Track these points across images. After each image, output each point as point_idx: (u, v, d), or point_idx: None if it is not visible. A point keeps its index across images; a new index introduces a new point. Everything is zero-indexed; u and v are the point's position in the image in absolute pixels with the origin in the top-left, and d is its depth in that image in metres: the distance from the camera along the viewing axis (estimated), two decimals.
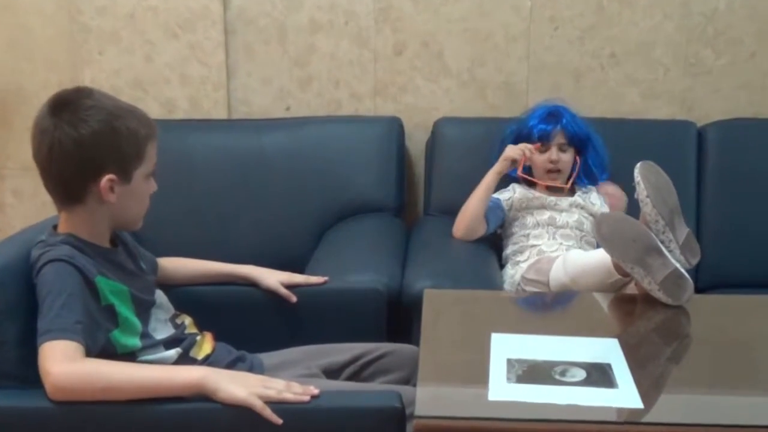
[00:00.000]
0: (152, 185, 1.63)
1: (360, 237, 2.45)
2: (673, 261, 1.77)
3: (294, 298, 1.91)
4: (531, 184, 2.49)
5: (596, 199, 2.47)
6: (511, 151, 2.40)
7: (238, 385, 1.40)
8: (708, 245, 2.40)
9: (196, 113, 2.78)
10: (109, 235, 1.63)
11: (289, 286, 1.92)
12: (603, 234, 1.79)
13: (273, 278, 1.92)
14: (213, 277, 1.93)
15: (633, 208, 1.92)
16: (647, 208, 1.85)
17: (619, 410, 1.38)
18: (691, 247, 1.90)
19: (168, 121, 2.66)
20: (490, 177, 2.39)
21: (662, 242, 1.81)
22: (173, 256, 1.93)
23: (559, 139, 2.43)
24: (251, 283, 1.93)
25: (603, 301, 1.89)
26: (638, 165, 1.90)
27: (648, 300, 1.78)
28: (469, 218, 2.36)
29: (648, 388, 1.43)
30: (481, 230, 2.38)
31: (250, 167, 2.60)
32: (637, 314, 1.82)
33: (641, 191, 1.86)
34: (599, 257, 1.91)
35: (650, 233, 1.78)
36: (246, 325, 1.92)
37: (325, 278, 1.97)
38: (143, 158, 1.57)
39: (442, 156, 2.64)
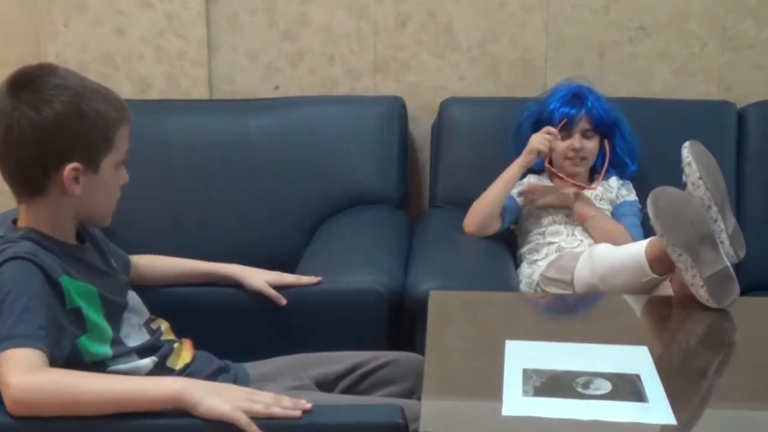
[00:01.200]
0: (123, 176, 1.63)
1: (357, 232, 2.45)
2: (725, 258, 1.76)
3: (283, 301, 1.91)
4: (550, 175, 2.49)
5: (614, 182, 2.48)
6: (537, 142, 2.37)
7: (220, 398, 1.40)
8: (750, 240, 2.38)
9: (173, 93, 2.77)
10: (75, 230, 1.63)
11: (278, 287, 1.92)
12: (659, 209, 1.76)
13: (260, 278, 1.92)
14: (192, 276, 1.93)
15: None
16: (699, 191, 1.83)
17: (650, 427, 1.38)
18: (738, 239, 1.90)
19: (141, 102, 2.66)
20: (514, 170, 2.37)
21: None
22: (147, 254, 1.92)
23: (584, 124, 2.43)
24: (235, 284, 1.93)
25: (632, 303, 1.89)
26: (687, 144, 1.89)
27: (684, 303, 1.77)
28: (483, 213, 2.36)
29: (682, 402, 1.43)
30: (495, 226, 2.38)
31: (234, 154, 2.60)
32: (671, 318, 1.82)
33: (693, 173, 1.84)
34: (631, 252, 1.90)
35: (709, 221, 1.77)
36: (229, 332, 1.92)
37: (319, 278, 1.97)
38: (113, 145, 1.57)
39: (450, 141, 2.64)
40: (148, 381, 1.50)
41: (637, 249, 1.89)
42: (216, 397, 1.40)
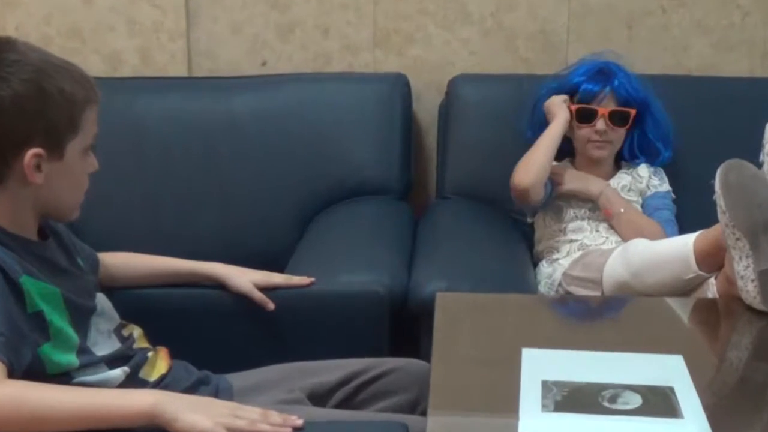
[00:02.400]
0: (92, 163, 1.63)
1: (355, 226, 2.45)
2: None
3: (271, 305, 1.91)
4: (572, 158, 2.51)
5: (644, 171, 2.48)
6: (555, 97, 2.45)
7: (201, 414, 1.41)
8: None
9: (147, 69, 2.77)
10: (36, 225, 1.63)
11: (266, 289, 1.92)
12: (728, 182, 1.76)
13: (245, 278, 1.92)
14: (168, 276, 1.94)
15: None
16: None
17: None
18: None
19: (112, 80, 2.66)
20: (556, 128, 2.41)
21: None
22: (118, 251, 1.93)
23: (609, 104, 2.42)
24: (217, 285, 1.93)
25: (666, 306, 1.88)
26: None
27: (727, 306, 1.78)
28: (538, 163, 2.37)
29: (721, 419, 1.42)
30: (540, 192, 2.40)
31: (217, 138, 2.59)
32: (711, 324, 1.82)
33: None
34: (677, 245, 1.90)
35: None
36: (210, 339, 1.93)
37: (311, 279, 1.98)
38: (79, 128, 1.57)
39: (460, 123, 2.63)
40: (120, 394, 1.51)
41: (684, 241, 1.89)
42: (196, 413, 1.40)
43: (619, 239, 2.34)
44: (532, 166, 2.38)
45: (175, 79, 2.76)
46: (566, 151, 2.50)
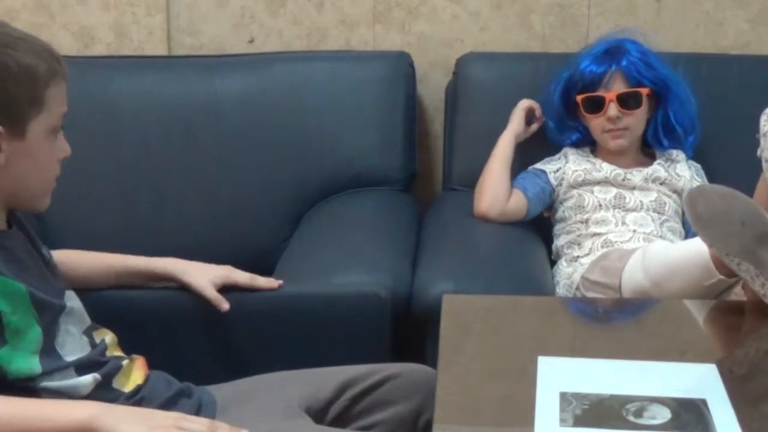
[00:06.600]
0: (63, 147, 1.65)
1: (353, 221, 2.45)
2: None
3: (226, 305, 1.92)
4: (592, 147, 2.50)
5: (684, 170, 2.47)
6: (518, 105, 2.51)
7: (140, 425, 1.44)
8: None
9: (122, 47, 2.78)
10: (4, 214, 1.63)
11: (227, 289, 1.93)
12: (699, 214, 1.78)
13: (202, 274, 1.94)
14: (122, 276, 1.95)
15: None
16: None
17: None
18: None
19: (84, 59, 2.67)
20: (504, 141, 2.48)
21: None
22: (90, 249, 1.93)
23: (617, 85, 2.41)
24: (173, 282, 1.95)
25: (696, 310, 1.88)
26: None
27: (762, 310, 1.77)
28: (494, 191, 2.40)
29: None
30: (517, 208, 2.41)
31: (199, 123, 2.60)
32: (745, 330, 1.82)
33: None
34: (693, 249, 1.90)
35: (763, 215, 1.77)
36: (191, 347, 1.93)
37: (279, 282, 1.99)
38: (42, 105, 1.58)
39: (469, 107, 2.64)
40: (58, 406, 1.52)
41: (698, 246, 1.88)
42: (135, 423, 1.44)
43: (648, 233, 2.34)
44: (488, 194, 2.41)
45: (153, 58, 2.76)
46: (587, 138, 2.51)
